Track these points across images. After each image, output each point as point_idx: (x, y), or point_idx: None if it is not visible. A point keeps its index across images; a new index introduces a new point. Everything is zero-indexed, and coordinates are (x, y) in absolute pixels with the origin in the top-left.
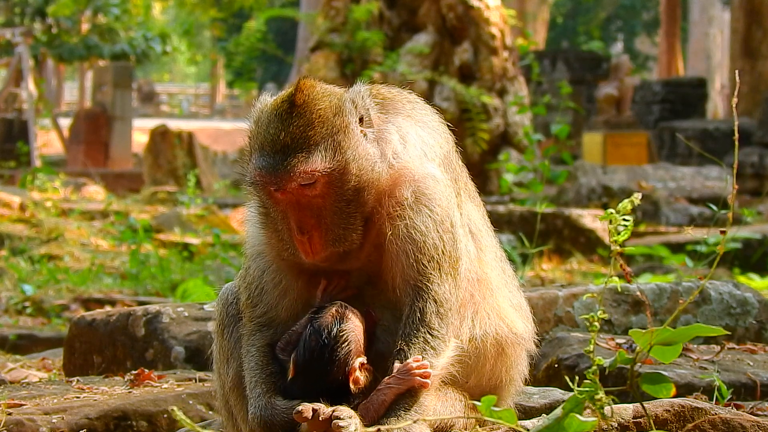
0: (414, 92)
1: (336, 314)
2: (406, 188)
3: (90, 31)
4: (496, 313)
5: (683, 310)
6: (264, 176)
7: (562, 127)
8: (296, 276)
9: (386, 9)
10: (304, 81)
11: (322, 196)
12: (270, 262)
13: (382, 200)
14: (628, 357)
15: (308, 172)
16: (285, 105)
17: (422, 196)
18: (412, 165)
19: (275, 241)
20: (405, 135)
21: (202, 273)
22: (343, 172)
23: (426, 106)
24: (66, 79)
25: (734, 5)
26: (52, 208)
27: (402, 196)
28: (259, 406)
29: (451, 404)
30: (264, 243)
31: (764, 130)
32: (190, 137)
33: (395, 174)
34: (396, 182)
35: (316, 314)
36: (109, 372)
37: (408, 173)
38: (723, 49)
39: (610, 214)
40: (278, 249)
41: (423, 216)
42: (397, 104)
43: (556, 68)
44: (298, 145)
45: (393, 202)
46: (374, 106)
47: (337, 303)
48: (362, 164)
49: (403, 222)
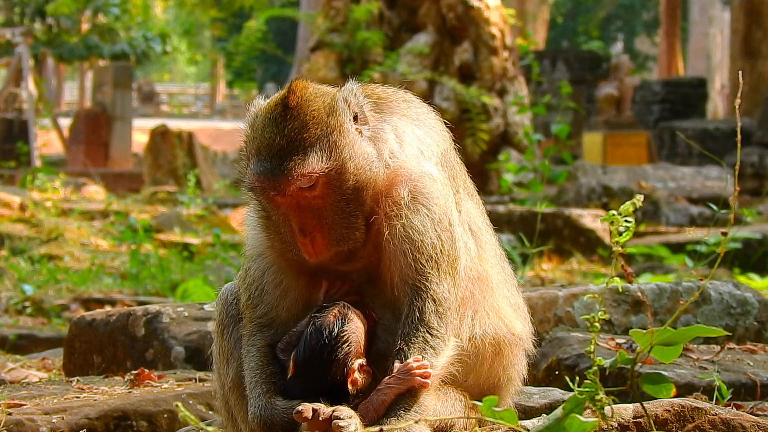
0: (413, 92)
1: (338, 314)
2: (402, 187)
3: (90, 31)
4: (496, 313)
5: (683, 310)
6: (263, 181)
7: (562, 127)
8: (297, 276)
9: (386, 9)
10: (296, 83)
11: (322, 196)
12: (270, 263)
13: (380, 200)
14: (629, 357)
15: (306, 175)
16: (279, 108)
17: (419, 195)
18: (409, 164)
19: (278, 244)
20: (401, 134)
21: (202, 273)
22: (341, 171)
23: (422, 105)
24: (66, 79)
25: (734, 5)
26: (52, 208)
27: (399, 196)
28: (259, 406)
29: (451, 404)
30: (265, 245)
31: (764, 130)
32: (190, 137)
33: (392, 174)
34: (393, 182)
35: (318, 314)
36: (109, 372)
37: (405, 172)
38: (723, 49)
39: (613, 216)
40: (281, 251)
41: (421, 215)
42: (392, 104)
43: (556, 68)
44: (294, 148)
45: (390, 202)
46: (368, 105)
47: (339, 303)
48: (359, 162)
49: (400, 222)
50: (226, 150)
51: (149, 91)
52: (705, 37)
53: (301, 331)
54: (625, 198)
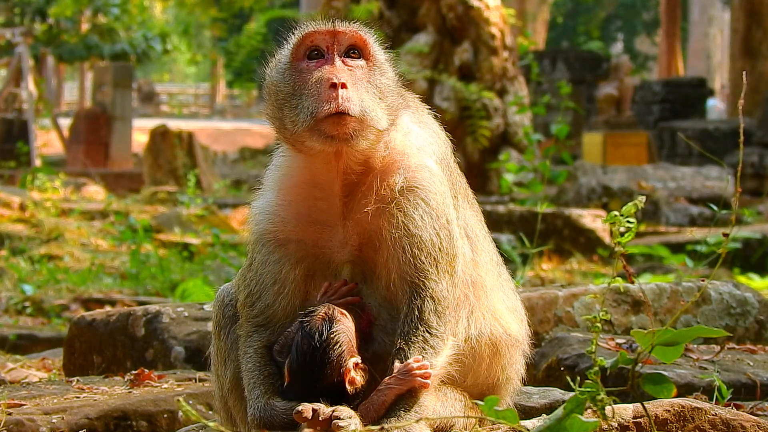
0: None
1: (325, 316)
2: (399, 175)
3: (90, 31)
4: (491, 314)
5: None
6: (311, 29)
7: (561, 127)
8: (294, 266)
9: (386, 9)
10: None
11: (363, 68)
12: (272, 250)
13: (374, 181)
14: (630, 357)
15: (359, 32)
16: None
17: (417, 187)
18: (411, 153)
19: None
20: (408, 129)
21: (202, 273)
22: (382, 69)
23: (429, 111)
24: (66, 79)
25: (734, 5)
26: (52, 208)
27: (393, 182)
28: (258, 407)
29: (450, 404)
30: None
31: (764, 130)
32: (190, 137)
33: (389, 159)
34: (390, 167)
35: (306, 318)
36: (109, 372)
37: (404, 161)
38: (723, 49)
39: (615, 217)
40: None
41: (419, 209)
42: (405, 101)
43: (556, 68)
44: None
45: (385, 185)
46: None
47: (325, 305)
48: (392, 89)
49: (398, 213)
50: (226, 150)
51: (149, 91)
52: (705, 37)
53: (293, 337)
54: (625, 198)
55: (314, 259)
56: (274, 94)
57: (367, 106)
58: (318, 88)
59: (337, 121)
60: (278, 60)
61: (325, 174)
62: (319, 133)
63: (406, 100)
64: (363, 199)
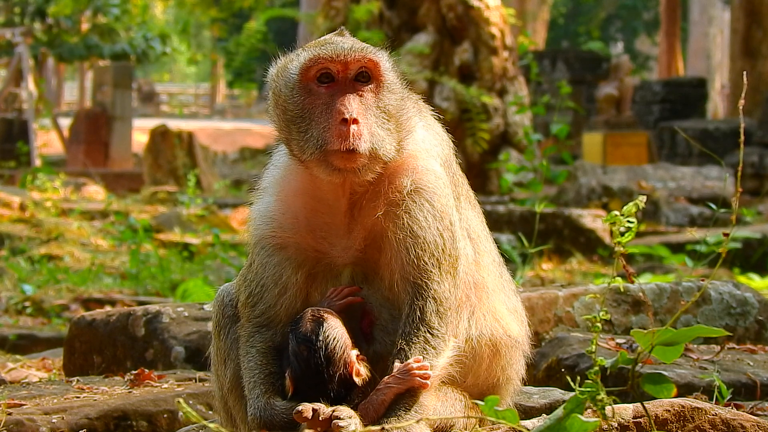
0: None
1: (313, 318)
2: (407, 177)
3: (90, 31)
4: (492, 315)
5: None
6: (321, 55)
7: (561, 127)
8: (296, 270)
9: (386, 9)
10: None
11: (372, 92)
12: (271, 254)
13: (382, 184)
14: (630, 357)
15: (370, 57)
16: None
17: (423, 189)
18: (418, 156)
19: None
20: (415, 131)
21: (202, 273)
22: (391, 87)
23: (432, 113)
24: (66, 79)
25: (734, 5)
26: (52, 208)
27: (401, 184)
28: (259, 407)
29: (450, 404)
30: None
31: (764, 130)
32: (190, 137)
33: (398, 162)
34: (398, 170)
35: (294, 327)
36: (109, 372)
37: (412, 163)
38: (723, 49)
39: (615, 217)
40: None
41: (424, 211)
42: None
43: (556, 68)
44: (358, 44)
45: (392, 189)
46: None
47: (308, 309)
48: (402, 108)
49: (403, 213)
50: (226, 150)
51: (149, 91)
52: (705, 37)
53: (289, 349)
54: (625, 198)
55: (315, 262)
56: (281, 107)
57: (377, 141)
58: (328, 120)
59: (347, 157)
60: (287, 70)
61: (331, 193)
62: (327, 164)
63: (419, 109)
64: (370, 203)
